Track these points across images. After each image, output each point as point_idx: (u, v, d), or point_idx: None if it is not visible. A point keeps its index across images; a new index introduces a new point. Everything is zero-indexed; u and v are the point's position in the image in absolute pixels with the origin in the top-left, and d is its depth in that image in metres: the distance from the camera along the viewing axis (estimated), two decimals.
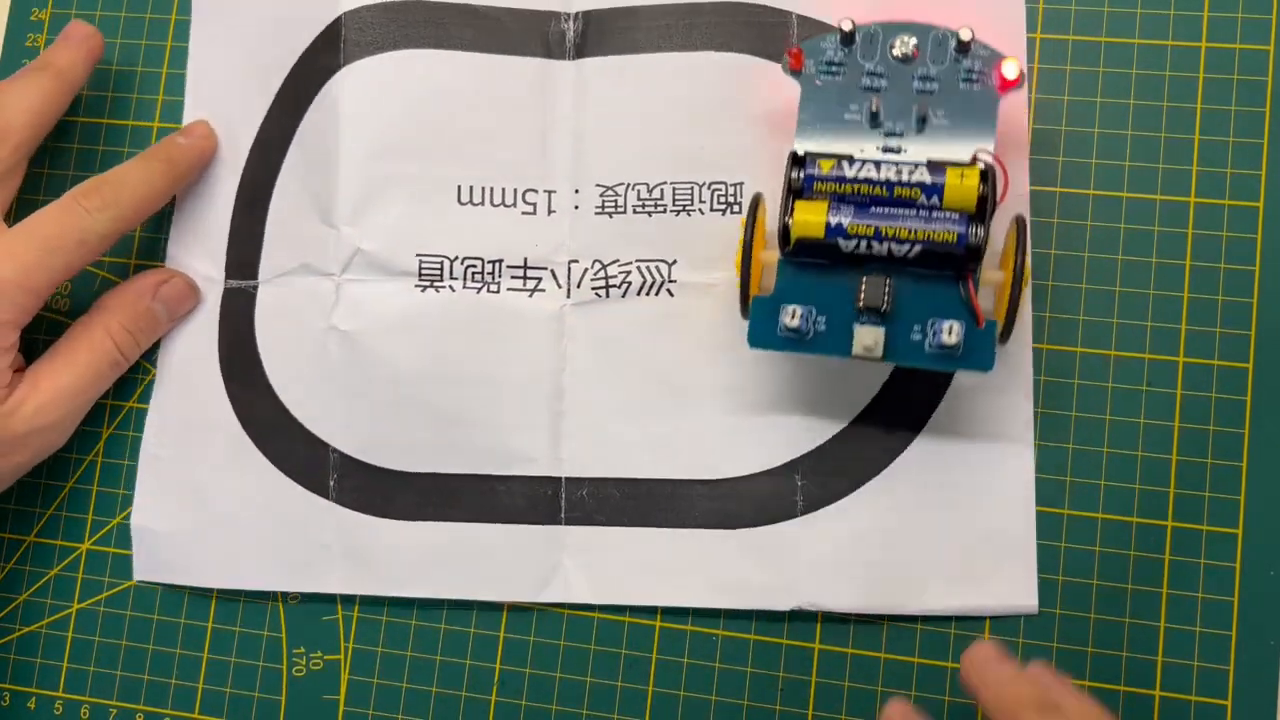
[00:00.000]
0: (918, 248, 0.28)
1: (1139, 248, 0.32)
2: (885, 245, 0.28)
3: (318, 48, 0.34)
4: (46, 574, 0.35)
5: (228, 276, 0.35)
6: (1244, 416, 0.31)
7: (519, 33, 0.34)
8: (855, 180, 0.28)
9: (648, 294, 0.33)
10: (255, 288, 0.34)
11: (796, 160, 0.29)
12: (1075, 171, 0.32)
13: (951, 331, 0.28)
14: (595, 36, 0.34)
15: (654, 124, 0.33)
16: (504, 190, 0.33)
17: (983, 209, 0.28)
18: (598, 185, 0.33)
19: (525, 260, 0.33)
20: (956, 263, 0.28)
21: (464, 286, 0.33)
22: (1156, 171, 0.32)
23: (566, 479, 0.33)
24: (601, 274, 0.33)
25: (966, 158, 0.28)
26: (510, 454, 0.33)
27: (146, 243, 0.36)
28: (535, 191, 0.33)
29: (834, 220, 0.28)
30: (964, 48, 0.29)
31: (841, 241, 0.28)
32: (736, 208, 0.32)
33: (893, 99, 0.29)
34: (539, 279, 0.33)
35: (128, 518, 0.35)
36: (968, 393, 0.31)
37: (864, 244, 0.28)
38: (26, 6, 0.37)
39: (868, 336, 0.28)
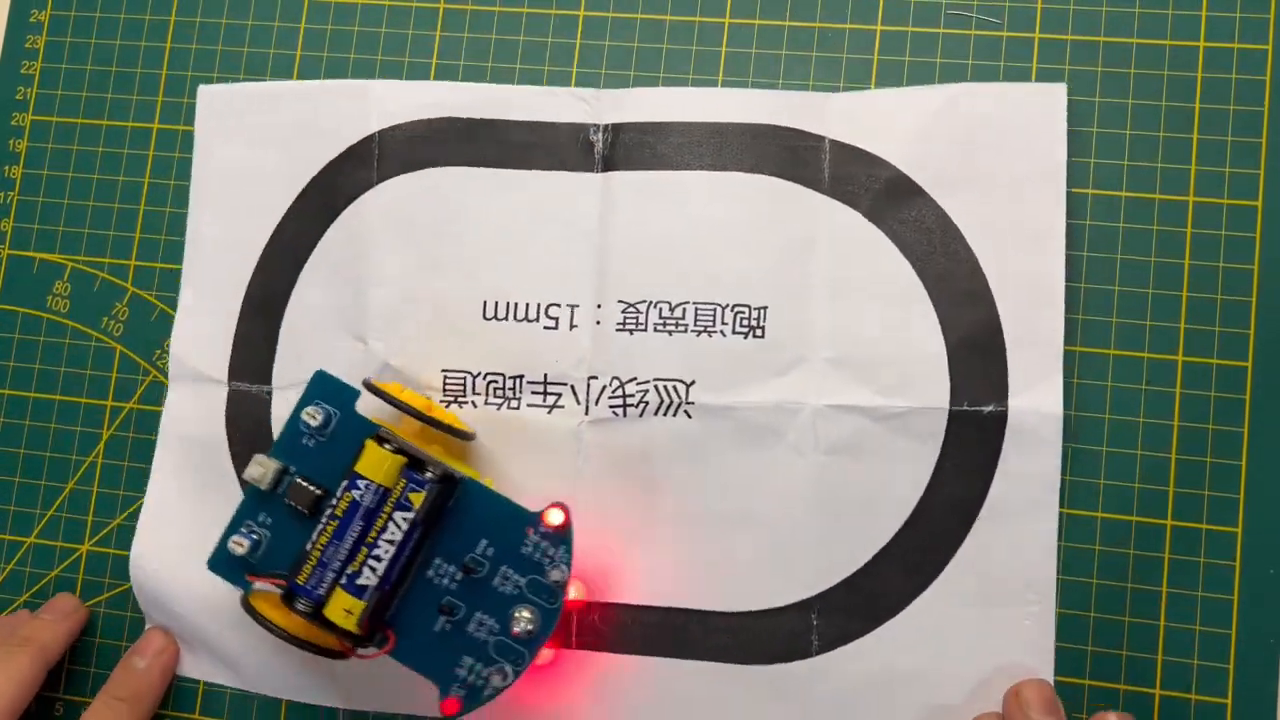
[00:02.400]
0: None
1: (1138, 246, 0.32)
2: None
3: (347, 160, 0.34)
4: (47, 575, 0.35)
5: (231, 379, 0.34)
6: (1243, 415, 0.31)
7: (548, 146, 0.34)
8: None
9: (665, 414, 0.32)
10: (269, 393, 0.34)
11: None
12: (1074, 171, 0.32)
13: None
14: (624, 150, 0.33)
15: (679, 242, 0.33)
16: (527, 305, 0.33)
17: (411, 453, 0.29)
18: (620, 301, 0.33)
19: (545, 376, 0.33)
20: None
21: (485, 403, 0.33)
22: (1155, 170, 0.32)
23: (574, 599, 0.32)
24: (620, 391, 0.32)
25: None
26: None
27: (157, 273, 0.36)
28: (558, 305, 0.33)
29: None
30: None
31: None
32: (759, 331, 0.32)
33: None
34: (559, 394, 0.33)
35: (128, 519, 0.35)
36: (989, 540, 0.31)
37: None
38: (26, 8, 0.37)
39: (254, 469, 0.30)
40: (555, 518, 0.29)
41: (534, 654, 0.28)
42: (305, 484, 0.30)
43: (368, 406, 0.30)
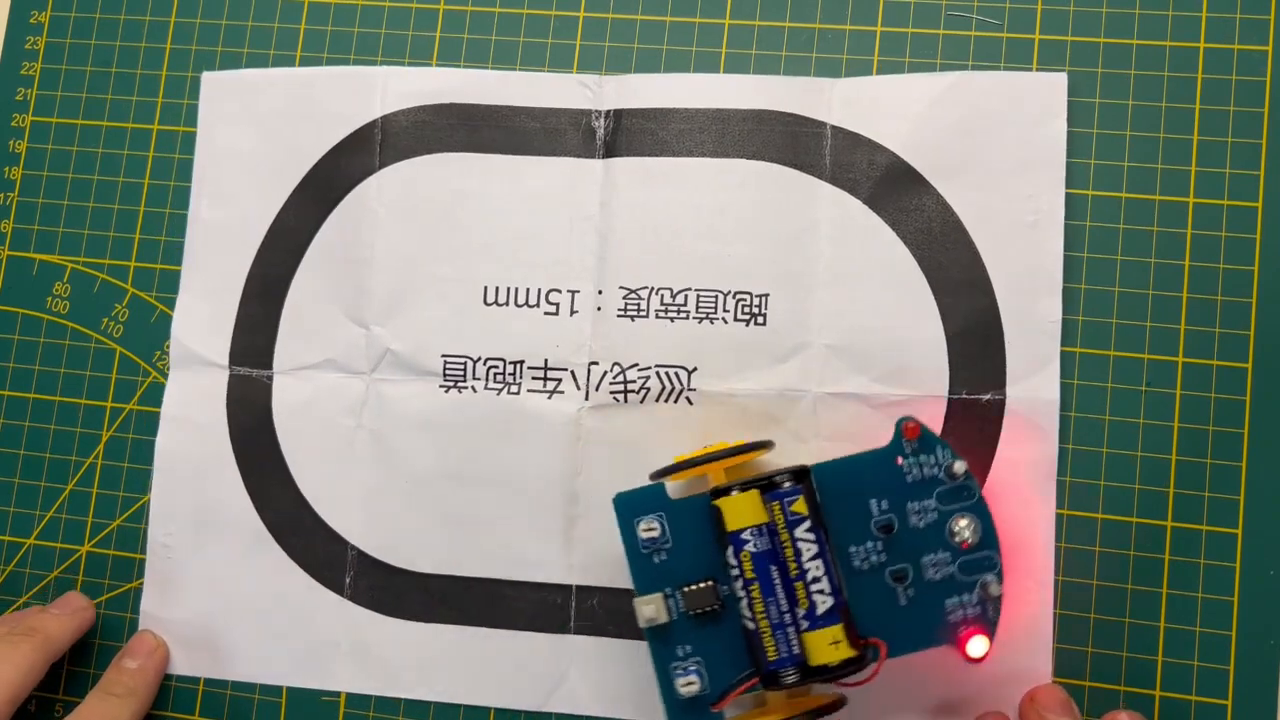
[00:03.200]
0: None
1: (1138, 248, 0.32)
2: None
3: (349, 146, 0.35)
4: (47, 577, 0.35)
5: (232, 363, 0.35)
6: (1243, 416, 0.31)
7: (550, 132, 0.34)
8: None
9: (666, 401, 0.32)
10: (270, 378, 0.34)
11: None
12: (1074, 171, 0.32)
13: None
14: (626, 136, 0.33)
15: (680, 229, 0.33)
16: (528, 290, 0.33)
17: (769, 482, 0.28)
18: (621, 288, 0.33)
19: (546, 361, 0.33)
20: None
21: (486, 387, 0.33)
22: (1155, 171, 0.32)
23: (577, 587, 0.32)
24: (621, 377, 0.33)
25: None
26: (522, 559, 0.33)
27: (156, 279, 0.36)
28: (559, 291, 0.33)
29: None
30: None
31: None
32: (761, 319, 0.32)
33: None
34: (559, 380, 0.33)
35: (128, 520, 0.35)
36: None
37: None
38: (26, 8, 0.37)
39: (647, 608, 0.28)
40: (912, 431, 0.28)
41: (997, 547, 0.27)
42: (694, 588, 0.28)
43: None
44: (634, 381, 0.33)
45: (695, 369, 0.32)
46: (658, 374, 0.33)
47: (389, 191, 0.34)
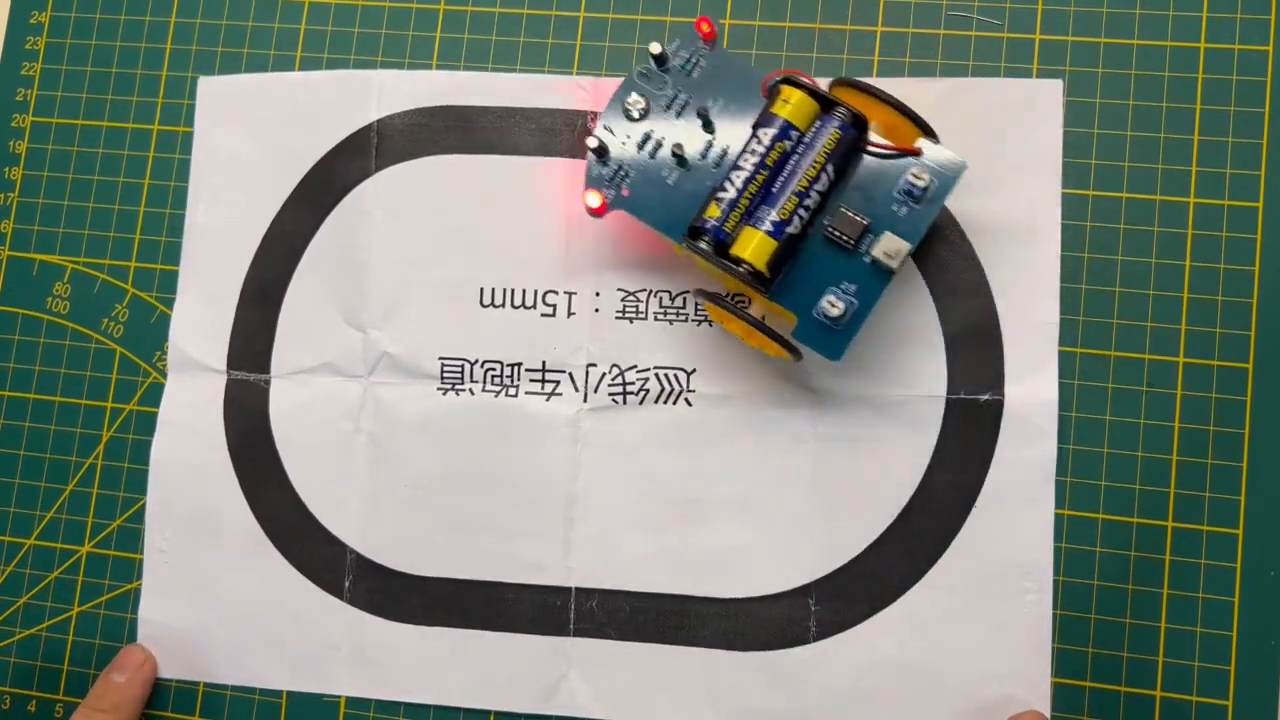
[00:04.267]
0: (830, 167, 0.28)
1: (1138, 248, 0.32)
2: (812, 194, 0.28)
3: (345, 150, 0.35)
4: (47, 577, 0.35)
5: (230, 367, 0.35)
6: (1244, 416, 0.31)
7: (545, 133, 0.34)
8: (742, 189, 0.29)
9: (665, 402, 0.33)
10: (267, 382, 0.34)
11: (693, 233, 0.29)
12: (1075, 171, 0.32)
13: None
14: None
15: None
16: (524, 291, 0.33)
17: (827, 101, 0.29)
18: (619, 289, 0.33)
19: (544, 363, 0.33)
20: (855, 148, 0.29)
21: (483, 390, 0.33)
22: (1156, 172, 0.32)
23: (576, 589, 0.32)
24: (619, 379, 0.33)
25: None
26: (520, 561, 0.33)
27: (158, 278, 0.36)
28: (556, 293, 0.33)
29: (767, 228, 0.28)
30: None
31: (789, 230, 0.28)
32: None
33: (677, 128, 0.30)
34: (557, 382, 0.33)
35: (128, 520, 0.35)
36: (987, 527, 0.31)
37: (800, 214, 0.28)
38: (26, 9, 0.37)
39: (890, 243, 0.29)
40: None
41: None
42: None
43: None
44: (633, 383, 0.33)
45: (694, 371, 0.33)
46: (656, 376, 0.33)
47: (385, 194, 0.34)
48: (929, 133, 0.29)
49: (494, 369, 0.33)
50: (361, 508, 0.33)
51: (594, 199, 0.30)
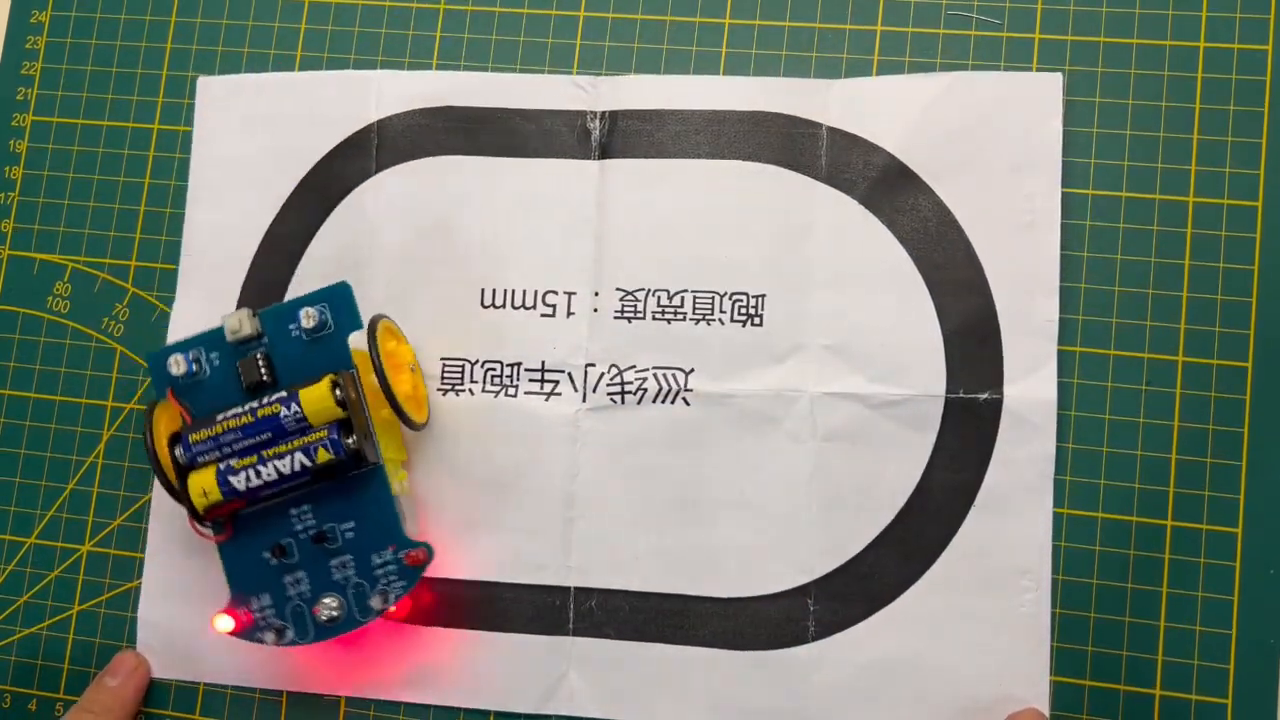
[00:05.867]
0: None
1: (1138, 247, 0.32)
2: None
3: (345, 150, 0.35)
4: (47, 576, 0.35)
5: None
6: (1243, 415, 0.31)
7: (545, 134, 0.34)
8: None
9: (664, 402, 0.33)
10: None
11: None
12: (1075, 171, 0.32)
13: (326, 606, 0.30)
14: (621, 137, 0.34)
15: (677, 230, 0.33)
16: (524, 292, 0.33)
17: (351, 415, 0.29)
18: (618, 289, 0.33)
19: (543, 363, 0.33)
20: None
21: (483, 390, 0.33)
22: (1155, 171, 0.32)
23: (575, 589, 0.32)
24: (618, 379, 0.33)
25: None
26: (519, 561, 0.32)
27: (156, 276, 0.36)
28: (555, 293, 0.33)
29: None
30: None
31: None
32: (758, 319, 0.32)
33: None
34: (556, 382, 0.33)
35: (128, 520, 0.35)
36: (985, 526, 0.31)
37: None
38: (26, 8, 0.38)
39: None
40: (418, 556, 0.30)
41: (317, 637, 0.30)
42: (260, 364, 0.31)
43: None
44: (631, 383, 0.33)
45: (692, 370, 0.33)
46: (655, 375, 0.33)
47: (385, 195, 0.34)
48: (411, 425, 0.31)
49: (494, 369, 0.33)
50: None
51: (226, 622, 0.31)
